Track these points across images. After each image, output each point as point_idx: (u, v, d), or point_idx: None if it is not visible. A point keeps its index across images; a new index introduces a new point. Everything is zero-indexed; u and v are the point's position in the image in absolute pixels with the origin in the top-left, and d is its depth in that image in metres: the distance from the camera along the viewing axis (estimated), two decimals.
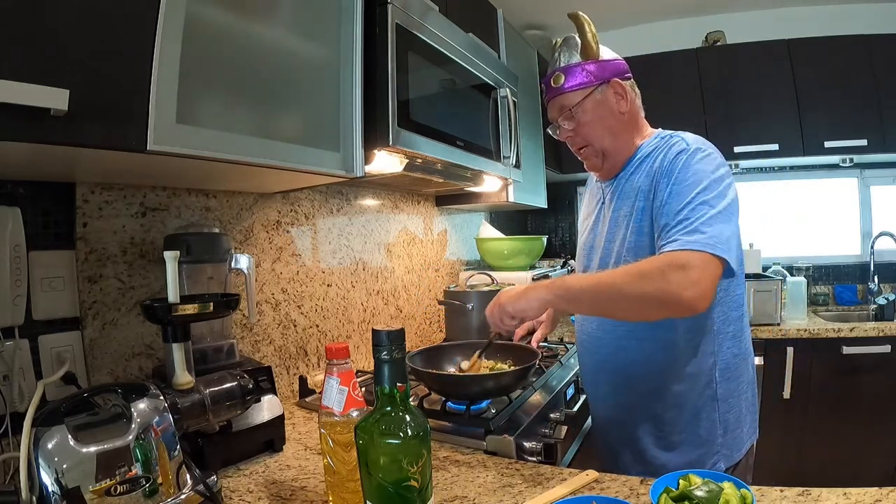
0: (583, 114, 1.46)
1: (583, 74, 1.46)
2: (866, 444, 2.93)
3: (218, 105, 1.12)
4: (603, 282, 1.26)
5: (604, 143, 1.48)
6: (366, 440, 0.81)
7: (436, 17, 1.77)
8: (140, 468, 0.92)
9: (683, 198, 1.26)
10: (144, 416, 0.96)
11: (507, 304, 1.37)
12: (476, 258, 3.25)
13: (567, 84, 1.47)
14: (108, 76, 0.92)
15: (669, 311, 1.20)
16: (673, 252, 1.19)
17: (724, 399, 1.41)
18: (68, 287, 1.29)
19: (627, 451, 1.49)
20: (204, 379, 1.17)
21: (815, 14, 3.65)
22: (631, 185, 1.44)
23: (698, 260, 1.16)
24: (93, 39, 0.89)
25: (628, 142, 1.50)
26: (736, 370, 1.43)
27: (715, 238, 1.18)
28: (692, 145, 1.35)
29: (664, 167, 1.34)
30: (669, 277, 1.15)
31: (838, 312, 3.58)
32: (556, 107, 1.51)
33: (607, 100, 1.46)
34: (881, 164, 3.69)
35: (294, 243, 1.91)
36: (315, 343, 1.97)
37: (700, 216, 1.22)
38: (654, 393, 1.43)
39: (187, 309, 1.10)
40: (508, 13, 2.86)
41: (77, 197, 1.31)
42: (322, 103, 1.39)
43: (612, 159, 1.50)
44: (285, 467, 1.27)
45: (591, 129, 1.48)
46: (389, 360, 0.82)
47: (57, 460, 0.86)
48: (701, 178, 1.28)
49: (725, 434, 1.41)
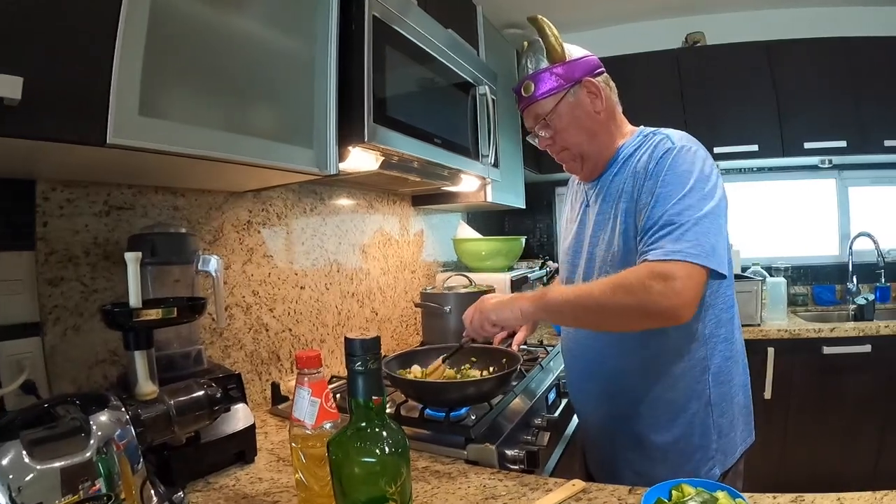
0: (558, 120, 1.43)
1: (552, 79, 1.42)
2: (848, 444, 2.96)
3: (184, 97, 1.06)
4: (584, 294, 1.24)
5: (582, 146, 1.45)
6: (339, 456, 0.76)
7: (415, 11, 1.72)
8: (103, 485, 0.86)
9: (668, 201, 1.23)
10: (104, 429, 0.89)
11: (491, 312, 1.37)
12: (453, 259, 3.21)
13: (538, 92, 1.43)
14: (66, 64, 0.85)
15: (652, 322, 1.20)
16: (655, 262, 1.17)
17: (717, 404, 1.38)
18: (27, 290, 1.21)
19: (620, 459, 1.46)
20: (169, 388, 1.10)
21: (795, 16, 3.69)
22: (615, 187, 1.41)
23: (681, 270, 1.14)
24: (50, 23, 0.83)
25: (608, 142, 1.47)
26: (728, 373, 1.40)
27: (699, 246, 1.16)
28: (678, 143, 1.31)
29: (649, 168, 1.31)
30: (652, 289, 1.14)
31: (818, 312, 3.61)
32: (530, 116, 1.49)
33: (581, 101, 1.43)
34: (859, 166, 3.74)
35: (266, 244, 1.84)
36: (288, 348, 1.91)
37: (684, 222, 1.19)
38: (645, 401, 1.39)
39: (150, 314, 1.04)
40: (488, 11, 2.84)
41: (37, 195, 1.24)
42: (295, 97, 1.34)
43: (592, 161, 1.47)
44: (257, 480, 1.22)
45: (567, 134, 1.45)
46: (364, 371, 0.77)
47: (12, 477, 0.79)
48: (686, 180, 1.25)
49: (720, 439, 1.38)
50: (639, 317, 1.17)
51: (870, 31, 3.36)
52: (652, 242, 1.21)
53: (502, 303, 1.37)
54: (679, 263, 1.15)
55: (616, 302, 1.17)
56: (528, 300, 1.33)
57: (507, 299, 1.38)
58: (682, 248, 1.16)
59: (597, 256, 1.43)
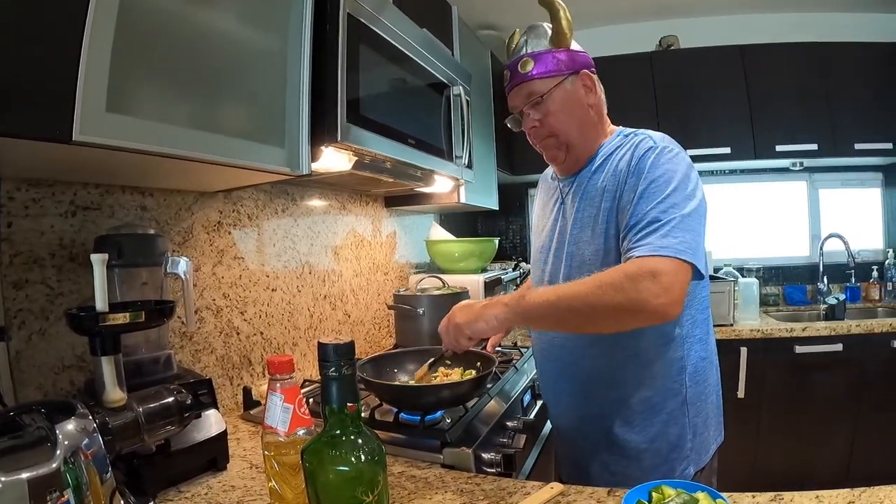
0: (552, 103, 1.41)
1: (553, 62, 1.40)
2: (820, 442, 3.03)
3: (154, 94, 1.02)
4: (569, 295, 1.20)
5: (570, 135, 1.43)
6: (314, 464, 0.74)
7: (390, 10, 1.70)
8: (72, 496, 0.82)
9: (653, 199, 1.23)
10: (71, 438, 0.86)
11: (465, 325, 1.33)
12: (426, 261, 3.20)
13: (536, 70, 1.40)
14: (31, 57, 0.82)
15: (641, 320, 1.16)
16: (642, 258, 1.16)
17: (693, 403, 1.38)
18: None
19: (594, 461, 1.45)
20: (137, 395, 1.07)
21: (768, 21, 3.76)
22: (594, 186, 1.40)
23: (669, 266, 1.13)
24: (14, 15, 0.79)
25: (593, 137, 1.46)
26: (703, 373, 1.41)
27: (685, 243, 1.16)
28: (659, 143, 1.32)
29: (632, 166, 1.30)
30: (640, 286, 1.11)
31: (789, 312, 3.68)
32: (521, 94, 1.44)
33: (577, 91, 1.42)
34: (830, 168, 3.82)
35: (237, 245, 1.81)
36: (259, 351, 1.87)
37: (669, 219, 1.19)
38: (622, 401, 1.39)
39: (117, 318, 1.00)
40: (463, 12, 2.82)
41: (1, 194, 1.19)
42: (267, 95, 1.31)
43: (576, 153, 1.46)
44: (230, 488, 1.18)
45: (558, 119, 1.42)
46: (338, 377, 0.75)
47: None
48: (670, 178, 1.24)
49: (694, 438, 1.38)
50: (628, 316, 1.14)
51: (842, 37, 3.45)
52: (638, 239, 1.20)
53: (476, 314, 1.32)
54: (667, 259, 1.14)
55: (605, 301, 1.14)
56: (504, 307, 1.28)
57: (478, 308, 1.33)
58: (670, 244, 1.15)
59: (576, 256, 1.41)
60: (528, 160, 3.78)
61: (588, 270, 1.34)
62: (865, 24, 3.65)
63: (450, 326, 1.36)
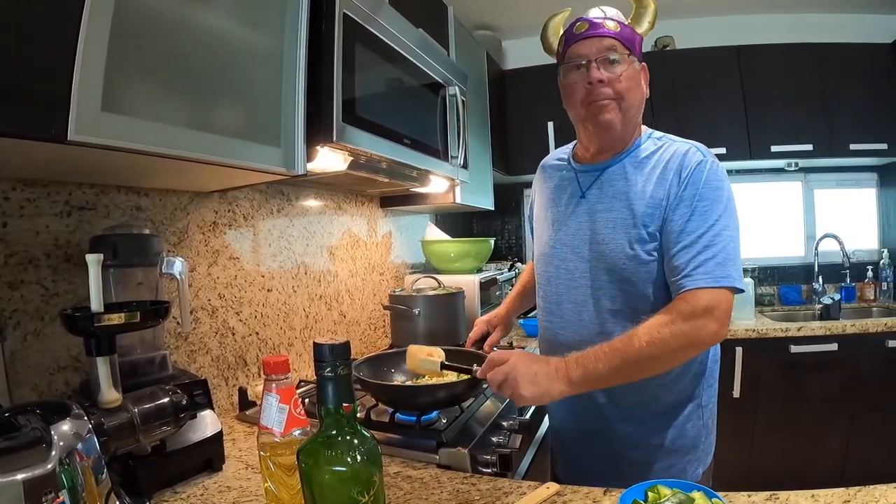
0: (627, 68, 1.34)
1: (634, 39, 1.37)
2: (816, 441, 3.04)
3: (149, 93, 1.02)
4: (631, 357, 1.17)
5: (631, 108, 1.36)
6: (310, 465, 0.74)
7: (386, 10, 1.70)
8: (67, 497, 0.82)
9: (706, 219, 1.25)
10: (66, 439, 0.86)
11: (525, 389, 1.18)
12: (422, 261, 3.20)
13: (620, 34, 1.34)
14: (27, 57, 0.81)
15: (699, 352, 1.26)
16: (694, 293, 1.19)
17: (706, 405, 1.40)
18: None
19: (606, 463, 1.43)
20: (133, 395, 1.06)
21: (764, 22, 3.76)
22: (631, 186, 1.36)
23: (721, 297, 1.19)
24: (9, 14, 0.79)
25: (636, 126, 1.42)
26: (713, 374, 1.42)
27: (736, 270, 1.21)
28: (707, 157, 1.32)
29: (683, 177, 1.29)
30: (698, 325, 1.17)
31: (784, 312, 3.69)
32: (600, 44, 1.33)
33: (640, 75, 1.38)
34: (825, 169, 3.83)
35: (232, 246, 1.80)
36: (255, 352, 1.87)
37: (723, 246, 1.22)
38: (641, 404, 1.38)
39: (112, 318, 1.00)
40: (459, 12, 2.82)
41: None
42: (263, 95, 1.30)
43: (624, 131, 1.38)
44: (225, 489, 1.18)
45: (629, 86, 1.34)
46: (334, 378, 0.74)
47: None
48: (719, 197, 1.27)
49: (706, 439, 1.40)
50: (690, 353, 1.21)
51: (837, 38, 3.46)
52: (694, 267, 1.22)
53: (542, 390, 1.18)
54: (719, 291, 1.18)
55: (668, 351, 1.17)
56: (569, 384, 1.18)
57: (545, 383, 1.18)
58: (729, 274, 1.20)
59: (606, 258, 1.37)
60: (524, 160, 3.82)
61: (618, 277, 1.35)
62: (860, 24, 3.66)
63: (507, 380, 1.21)
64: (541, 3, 3.42)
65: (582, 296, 1.42)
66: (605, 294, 1.38)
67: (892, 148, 3.37)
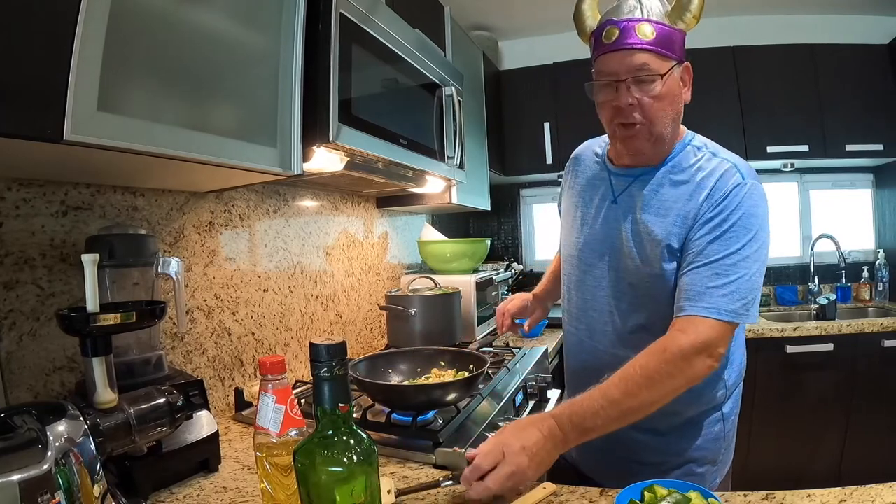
0: (662, 87, 1.22)
1: (674, 42, 1.22)
2: (812, 440, 3.05)
3: (145, 92, 1.01)
4: (629, 407, 1.12)
5: (665, 129, 1.28)
6: (306, 465, 0.74)
7: (382, 10, 1.70)
8: (63, 498, 0.82)
9: (729, 246, 1.19)
10: (62, 440, 0.85)
11: (530, 469, 1.05)
12: (418, 261, 3.19)
13: (657, 43, 1.20)
14: (22, 56, 0.81)
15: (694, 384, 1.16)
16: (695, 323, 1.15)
17: (728, 417, 1.38)
18: None
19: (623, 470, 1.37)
20: (129, 396, 1.06)
21: (760, 23, 3.76)
22: (663, 200, 1.30)
23: (721, 331, 1.15)
24: (3, 11, 0.78)
25: (675, 135, 1.34)
26: (738, 387, 1.41)
27: (745, 305, 1.16)
28: (748, 179, 1.24)
29: (715, 199, 1.23)
30: (694, 363, 1.13)
31: (780, 312, 3.70)
32: (632, 62, 1.22)
33: (678, 83, 1.28)
34: (821, 170, 3.84)
35: (228, 246, 1.80)
36: (251, 352, 1.87)
37: (738, 276, 1.17)
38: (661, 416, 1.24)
39: (108, 319, 1.00)
40: (455, 12, 2.82)
41: None
42: (259, 95, 1.30)
43: (660, 148, 1.32)
44: (221, 490, 1.18)
45: (662, 107, 1.25)
46: (330, 378, 0.74)
47: None
48: (751, 225, 1.20)
49: (727, 449, 1.39)
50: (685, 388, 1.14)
51: (833, 39, 3.48)
52: (701, 291, 1.18)
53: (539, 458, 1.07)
54: (720, 324, 1.14)
55: (665, 392, 1.12)
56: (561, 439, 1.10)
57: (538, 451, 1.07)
58: (734, 309, 1.15)
59: (630, 275, 1.35)
60: (520, 161, 3.83)
61: (642, 292, 1.32)
62: (856, 25, 3.68)
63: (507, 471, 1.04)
64: (537, 4, 3.44)
65: (607, 306, 1.40)
66: (628, 307, 1.36)
67: (887, 149, 3.38)
